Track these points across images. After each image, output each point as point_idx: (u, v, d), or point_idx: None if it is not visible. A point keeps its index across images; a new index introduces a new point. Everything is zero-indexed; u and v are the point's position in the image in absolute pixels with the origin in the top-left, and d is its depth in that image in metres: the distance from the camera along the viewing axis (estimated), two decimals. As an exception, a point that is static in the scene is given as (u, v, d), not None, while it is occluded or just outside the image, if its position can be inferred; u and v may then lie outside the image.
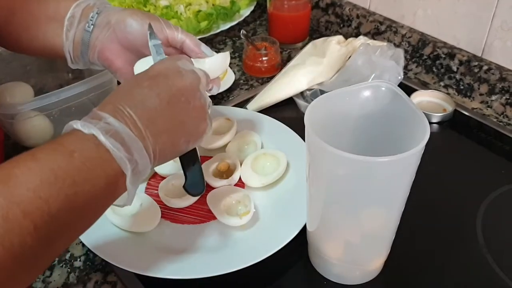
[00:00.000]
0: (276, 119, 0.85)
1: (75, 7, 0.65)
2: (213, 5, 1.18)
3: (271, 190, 0.73)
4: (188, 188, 0.59)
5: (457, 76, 0.95)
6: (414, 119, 0.53)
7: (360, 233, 0.58)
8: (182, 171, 0.74)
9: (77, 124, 0.46)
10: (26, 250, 0.40)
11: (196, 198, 0.72)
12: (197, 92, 0.55)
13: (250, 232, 0.67)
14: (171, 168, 0.75)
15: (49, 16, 0.66)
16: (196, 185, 0.60)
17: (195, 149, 0.59)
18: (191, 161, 0.59)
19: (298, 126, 0.82)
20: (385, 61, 0.84)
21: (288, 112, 0.94)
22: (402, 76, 0.86)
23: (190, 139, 0.55)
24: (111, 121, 0.47)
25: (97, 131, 0.45)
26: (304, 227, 0.64)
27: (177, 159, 0.59)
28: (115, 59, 0.66)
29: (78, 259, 0.66)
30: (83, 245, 0.65)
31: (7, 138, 0.85)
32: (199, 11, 1.13)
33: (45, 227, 0.41)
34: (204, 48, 0.65)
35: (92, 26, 0.65)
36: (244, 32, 1.02)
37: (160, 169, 0.76)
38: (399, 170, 0.51)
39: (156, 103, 0.50)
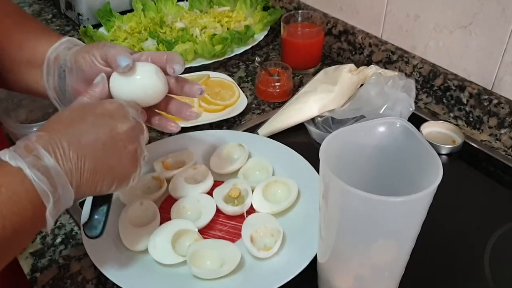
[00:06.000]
0: (287, 144, 0.86)
1: (50, 54, 0.66)
2: (227, 29, 1.19)
3: (281, 219, 0.73)
4: (85, 228, 0.60)
5: (467, 108, 0.96)
6: (427, 158, 0.54)
7: (371, 266, 0.59)
8: (195, 193, 0.76)
9: (5, 156, 0.48)
10: None
11: (208, 220, 0.73)
12: (135, 141, 0.57)
13: (261, 261, 0.67)
14: (182, 190, 0.76)
15: (28, 61, 0.67)
16: (95, 228, 0.59)
17: (111, 193, 0.59)
18: (102, 202, 0.60)
19: (308, 152, 0.83)
20: (397, 93, 0.85)
21: (299, 138, 0.95)
22: (414, 108, 0.88)
23: (114, 183, 0.56)
24: (41, 154, 0.49)
25: (24, 164, 0.48)
26: (315, 258, 0.65)
27: None
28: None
29: (90, 282, 0.67)
30: (95, 268, 0.66)
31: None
32: (214, 34, 1.15)
33: None
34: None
35: (63, 72, 0.65)
36: (259, 59, 1.03)
37: (174, 192, 0.77)
38: (411, 209, 0.52)
39: (91, 141, 0.52)
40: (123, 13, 1.29)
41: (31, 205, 0.48)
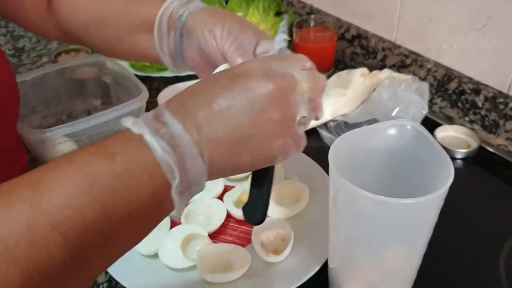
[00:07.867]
0: (299, 149, 0.85)
1: (160, 16, 0.61)
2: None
3: (292, 223, 0.73)
4: (245, 214, 0.52)
5: (482, 112, 0.94)
6: (438, 160, 0.53)
7: (383, 271, 0.58)
8: (205, 198, 0.76)
9: (127, 122, 0.41)
10: (54, 265, 0.34)
11: (218, 225, 0.73)
12: (281, 102, 0.45)
13: (270, 265, 0.67)
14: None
15: (136, 28, 0.64)
16: (254, 212, 0.51)
17: (270, 170, 0.50)
18: (259, 182, 0.50)
19: (321, 157, 0.82)
20: (410, 96, 0.84)
21: (311, 142, 0.92)
22: (427, 111, 0.86)
23: (257, 158, 0.45)
24: (168, 120, 0.41)
25: (146, 129, 0.40)
26: (326, 263, 0.64)
27: None
28: (196, 70, 0.63)
29: (101, 286, 0.67)
30: (106, 271, 0.66)
31: (35, 161, 0.87)
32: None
33: (77, 241, 0.35)
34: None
35: (180, 36, 0.61)
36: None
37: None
38: (422, 211, 0.51)
39: (223, 106, 0.43)
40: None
41: (151, 180, 0.39)
